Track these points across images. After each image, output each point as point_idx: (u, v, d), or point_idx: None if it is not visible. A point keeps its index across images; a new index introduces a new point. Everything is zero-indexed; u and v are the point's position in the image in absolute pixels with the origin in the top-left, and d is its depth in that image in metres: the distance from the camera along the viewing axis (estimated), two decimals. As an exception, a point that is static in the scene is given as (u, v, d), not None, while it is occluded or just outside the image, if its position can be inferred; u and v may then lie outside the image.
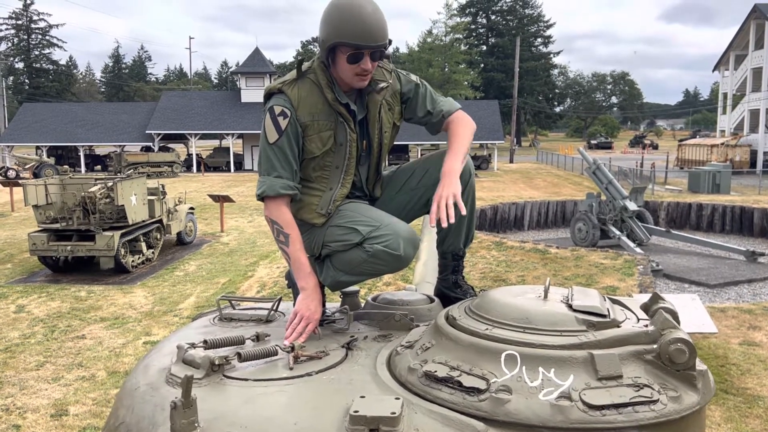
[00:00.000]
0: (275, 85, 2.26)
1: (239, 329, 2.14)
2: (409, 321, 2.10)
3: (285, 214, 2.19)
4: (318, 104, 2.23)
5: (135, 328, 9.30)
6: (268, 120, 2.21)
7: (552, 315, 1.61)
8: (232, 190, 29.31)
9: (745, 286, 12.00)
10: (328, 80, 2.23)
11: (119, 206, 12.44)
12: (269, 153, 2.20)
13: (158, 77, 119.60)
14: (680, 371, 1.49)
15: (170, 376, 1.72)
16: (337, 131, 2.25)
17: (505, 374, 1.48)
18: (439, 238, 2.51)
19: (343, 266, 2.24)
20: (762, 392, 7.44)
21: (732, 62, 44.30)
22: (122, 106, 49.91)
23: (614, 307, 1.75)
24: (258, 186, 2.22)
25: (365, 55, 2.15)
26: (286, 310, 2.36)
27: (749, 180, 29.81)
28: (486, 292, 1.84)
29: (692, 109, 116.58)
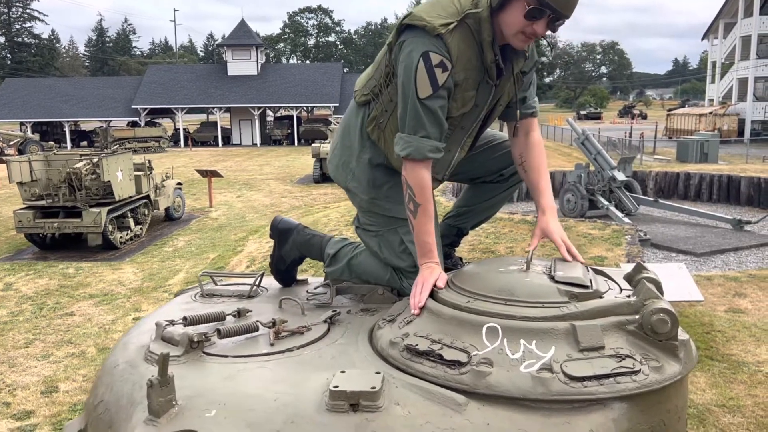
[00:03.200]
0: (433, 24, 1.84)
1: (221, 305, 2.12)
2: (392, 294, 2.08)
3: (423, 180, 1.91)
4: (472, 60, 1.91)
5: (124, 304, 9.28)
6: (422, 68, 1.84)
7: (534, 287, 1.60)
8: (221, 164, 29.12)
9: (731, 254, 12.10)
10: (493, 36, 1.90)
11: (105, 182, 12.33)
12: (418, 109, 1.87)
13: (143, 51, 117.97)
14: (662, 341, 1.48)
15: (149, 353, 1.69)
16: (480, 92, 1.99)
17: (487, 347, 1.47)
18: (456, 211, 2.47)
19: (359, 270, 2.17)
20: (746, 358, 7.54)
21: (721, 30, 44.11)
22: (107, 81, 49.24)
23: (597, 277, 1.74)
24: (402, 144, 1.91)
25: (545, 17, 1.83)
26: (269, 285, 2.34)
27: (737, 149, 29.92)
28: (468, 265, 1.82)
29: (681, 78, 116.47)
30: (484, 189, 2.38)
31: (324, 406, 1.39)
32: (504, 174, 2.32)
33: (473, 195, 2.41)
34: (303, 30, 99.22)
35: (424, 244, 1.92)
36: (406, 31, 1.91)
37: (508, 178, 2.33)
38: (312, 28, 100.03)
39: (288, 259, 2.38)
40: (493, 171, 2.32)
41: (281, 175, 24.75)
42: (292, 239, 2.38)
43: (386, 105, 2.04)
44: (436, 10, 1.88)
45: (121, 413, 1.53)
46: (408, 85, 1.88)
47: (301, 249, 2.38)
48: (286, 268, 2.40)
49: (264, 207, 17.35)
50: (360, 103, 2.16)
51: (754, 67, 38.46)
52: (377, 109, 2.07)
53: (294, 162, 29.75)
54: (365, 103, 2.13)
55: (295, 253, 2.38)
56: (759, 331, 8.25)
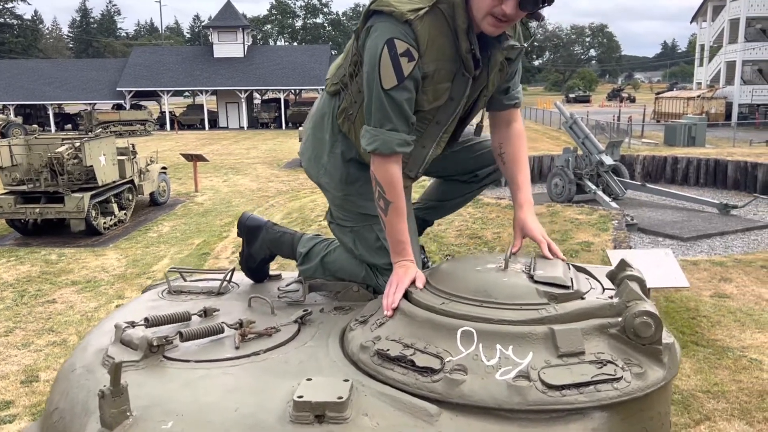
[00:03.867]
0: (401, 10, 1.70)
1: (188, 303, 2.03)
2: (368, 291, 2.00)
3: (393, 176, 1.79)
4: (445, 49, 1.77)
5: (107, 291, 9.16)
6: (386, 56, 1.71)
7: (511, 287, 1.52)
8: (207, 148, 28.83)
9: (717, 239, 12.13)
10: (468, 23, 1.75)
11: (88, 167, 12.14)
12: (383, 101, 1.75)
13: (128, 32, 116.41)
14: (646, 345, 1.41)
15: (106, 357, 1.60)
16: (455, 84, 1.85)
17: (461, 352, 1.39)
18: (424, 204, 2.40)
19: (334, 268, 2.09)
20: (731, 344, 7.56)
21: (710, 13, 44.04)
22: (91, 63, 48.53)
23: (578, 276, 1.66)
24: (368, 138, 1.80)
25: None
26: (240, 281, 2.25)
27: (724, 132, 29.99)
28: (443, 263, 1.73)
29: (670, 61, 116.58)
30: (456, 187, 2.31)
31: (287, 417, 1.31)
32: (479, 175, 2.25)
33: (443, 191, 2.35)
34: (290, 11, 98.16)
35: (397, 243, 1.83)
36: (373, 17, 1.78)
37: (482, 179, 2.27)
38: (299, 10, 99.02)
39: (258, 257, 2.30)
40: (468, 171, 2.25)
41: (268, 159, 24.54)
42: (261, 237, 2.30)
43: (355, 96, 1.93)
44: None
45: (75, 423, 1.45)
46: (372, 74, 1.76)
47: (271, 247, 2.29)
48: (257, 266, 2.31)
49: (250, 192, 17.20)
50: (330, 93, 2.05)
51: (742, 50, 38.47)
52: (347, 100, 1.97)
53: (281, 146, 29.50)
54: (335, 93, 2.03)
55: (265, 252, 2.30)
56: (744, 316, 8.28)
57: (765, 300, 8.87)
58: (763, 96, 37.95)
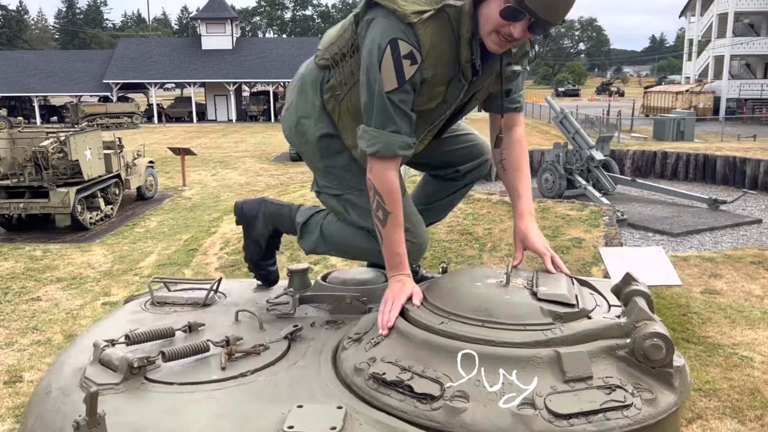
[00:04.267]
0: (405, 11, 1.62)
1: (172, 316, 1.93)
2: (361, 303, 1.91)
3: (393, 184, 1.70)
4: (445, 56, 1.70)
5: (93, 288, 9.03)
6: (388, 57, 1.63)
7: (514, 306, 1.43)
8: (195, 141, 28.59)
9: (707, 234, 12.15)
10: (473, 32, 1.68)
11: (73, 161, 11.95)
12: (386, 102, 1.67)
13: (115, 23, 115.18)
14: (656, 369, 1.33)
15: (84, 379, 1.51)
16: (450, 89, 1.78)
17: (462, 377, 1.31)
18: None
19: (335, 240, 1.99)
20: (722, 340, 7.55)
21: (698, 8, 44.12)
22: (78, 54, 47.93)
23: (583, 292, 1.58)
24: (368, 140, 1.71)
25: (524, 20, 1.60)
26: (227, 291, 2.15)
27: (712, 127, 30.10)
28: (441, 277, 1.65)
29: (658, 55, 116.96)
30: (439, 186, 2.24)
31: None
32: (460, 171, 2.18)
33: (429, 193, 2.27)
34: (279, 3, 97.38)
35: (393, 256, 1.74)
36: (374, 9, 1.70)
37: (464, 175, 2.19)
38: (289, 1, 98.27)
39: (262, 240, 2.17)
40: (451, 164, 2.17)
41: (257, 153, 24.35)
42: (260, 213, 2.17)
43: (346, 77, 1.84)
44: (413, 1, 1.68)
45: (50, 452, 1.35)
46: (372, 72, 1.69)
47: (273, 221, 2.16)
48: (264, 256, 2.20)
49: (239, 186, 17.05)
50: (320, 65, 1.94)
51: (731, 45, 38.60)
52: (336, 78, 1.87)
53: (270, 139, 29.29)
54: (325, 67, 1.92)
55: (267, 229, 2.17)
56: (734, 313, 8.28)
57: (755, 296, 8.88)
58: (750, 91, 38.14)
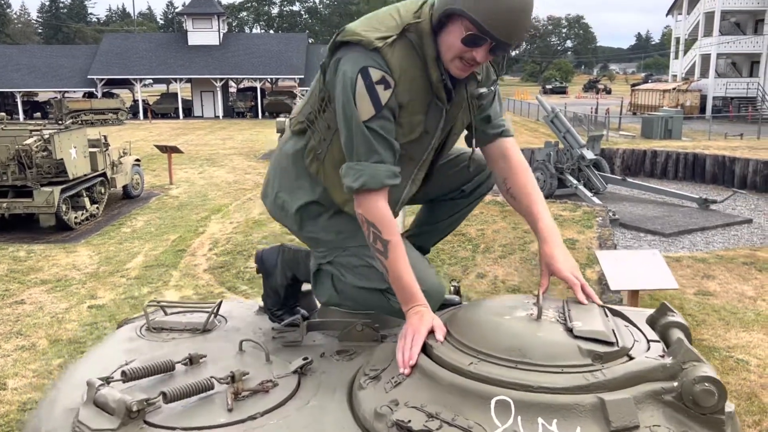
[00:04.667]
0: (368, 39, 1.63)
1: (171, 343, 1.80)
2: (372, 331, 1.79)
3: (384, 212, 1.65)
4: (417, 79, 1.69)
5: (79, 291, 8.83)
6: (361, 86, 1.62)
7: (550, 345, 1.32)
8: (181, 138, 28.28)
9: (698, 234, 12.15)
10: (437, 53, 1.68)
11: (58, 160, 11.71)
12: (365, 132, 1.63)
13: (99, 18, 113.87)
14: (706, 415, 1.22)
15: (78, 424, 1.37)
16: (429, 116, 1.76)
17: (497, 427, 1.19)
18: (416, 230, 2.19)
19: (351, 297, 1.86)
20: (717, 343, 7.52)
21: (685, 6, 44.34)
22: (61, 49, 47.22)
23: (619, 326, 1.47)
24: (353, 175, 1.65)
25: (485, 44, 1.61)
26: (228, 314, 2.02)
27: (699, 125, 30.26)
28: (465, 308, 1.53)
29: (644, 53, 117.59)
30: (446, 206, 2.14)
31: None
32: (465, 190, 2.09)
33: (434, 213, 2.17)
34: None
35: (405, 287, 1.64)
36: (339, 49, 1.70)
37: (470, 193, 2.10)
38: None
39: (281, 290, 2.05)
40: (454, 188, 2.09)
41: (245, 150, 24.12)
42: (279, 261, 2.08)
43: (324, 133, 1.81)
44: (372, 23, 1.69)
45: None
46: (348, 106, 1.65)
47: (291, 268, 2.06)
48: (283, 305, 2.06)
49: (227, 184, 16.85)
50: (296, 132, 1.90)
51: (717, 43, 38.81)
52: (315, 138, 1.84)
53: (258, 136, 29.03)
54: (301, 132, 1.88)
55: (286, 278, 2.06)
56: (728, 315, 8.26)
57: (748, 297, 8.87)
58: (736, 89, 38.39)
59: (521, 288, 8.34)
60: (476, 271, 8.87)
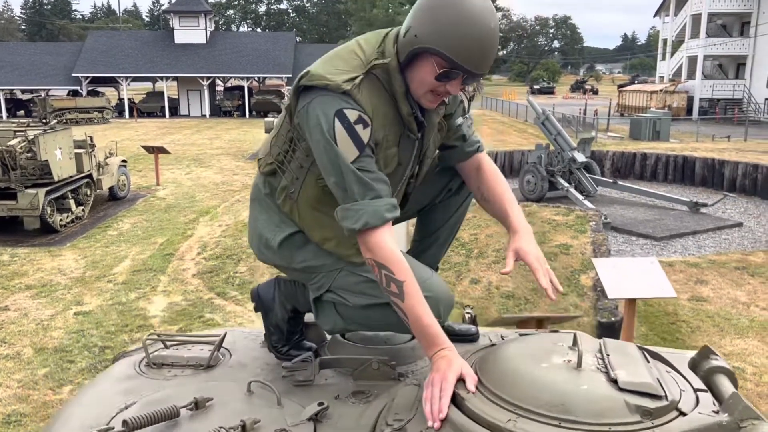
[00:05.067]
0: (336, 83, 1.61)
1: (173, 381, 1.67)
2: (390, 368, 1.67)
3: (392, 250, 1.60)
4: (389, 115, 1.69)
5: (65, 296, 8.65)
6: (341, 131, 1.60)
7: (595, 400, 1.21)
8: (168, 138, 27.98)
9: (689, 238, 12.16)
10: (406, 88, 1.69)
11: (43, 161, 11.49)
12: (356, 173, 1.61)
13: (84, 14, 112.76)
14: (768, 480, 1.12)
15: (74, 485, 1.25)
16: (402, 148, 1.76)
17: (542, 496, 1.08)
18: (418, 246, 2.08)
19: (356, 319, 1.76)
20: (712, 351, 7.50)
21: (672, 8, 44.60)
22: (45, 47, 46.57)
23: (659, 369, 1.37)
24: (353, 218, 1.61)
25: (459, 77, 1.63)
26: (232, 346, 1.90)
27: (687, 126, 30.42)
28: (495, 352, 1.41)
29: (630, 54, 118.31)
30: (438, 210, 2.06)
31: None
32: (451, 188, 2.02)
33: (430, 221, 2.08)
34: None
35: (426, 329, 1.55)
36: (306, 93, 1.67)
37: (457, 190, 2.03)
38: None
39: (283, 325, 1.95)
40: (438, 191, 2.02)
41: (232, 150, 23.89)
42: (276, 295, 1.98)
43: (296, 172, 1.78)
44: (335, 65, 1.67)
45: None
46: (331, 150, 1.62)
47: (290, 300, 1.96)
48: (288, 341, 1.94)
49: (215, 185, 16.66)
50: (266, 173, 1.87)
51: (704, 45, 39.07)
52: (286, 178, 1.81)
53: (245, 135, 28.79)
54: (272, 173, 1.85)
55: (286, 311, 1.95)
56: (722, 321, 8.24)
57: (741, 303, 8.86)
58: (723, 91, 38.67)
59: (515, 294, 8.26)
60: (470, 276, 8.78)
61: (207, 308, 8.05)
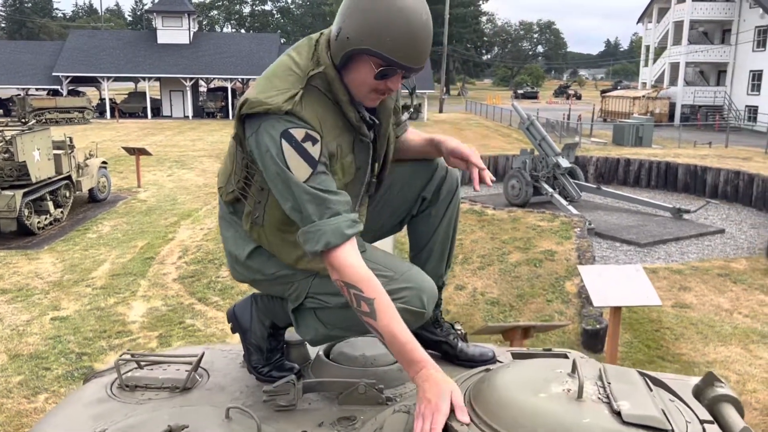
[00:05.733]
0: (276, 105, 1.58)
1: (146, 406, 1.57)
2: (376, 392, 1.58)
3: (359, 267, 1.55)
4: (338, 123, 1.67)
5: (41, 301, 8.46)
6: (289, 151, 1.57)
7: None
8: (149, 139, 27.68)
9: (673, 245, 12.20)
10: (348, 94, 1.66)
11: (20, 162, 11.26)
12: (310, 192, 1.57)
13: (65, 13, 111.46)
14: None
15: None
16: (357, 153, 1.73)
17: None
18: (416, 262, 2.00)
19: (338, 322, 1.70)
20: (696, 358, 7.49)
21: (655, 15, 45.05)
22: (25, 45, 45.93)
23: (663, 398, 1.30)
24: (313, 239, 1.56)
25: (398, 74, 1.62)
26: (210, 366, 1.80)
27: (669, 132, 30.70)
28: (490, 379, 1.33)
29: (613, 60, 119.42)
30: (421, 223, 1.98)
31: None
32: (425, 196, 1.94)
33: (418, 236, 2.00)
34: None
35: (403, 347, 1.47)
36: (250, 121, 1.63)
37: (433, 200, 1.94)
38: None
39: (263, 343, 1.86)
40: (412, 200, 1.94)
41: (215, 152, 23.67)
42: (254, 310, 1.90)
43: (257, 195, 1.75)
44: (273, 85, 1.63)
45: None
46: (283, 173, 1.58)
47: (266, 316, 1.89)
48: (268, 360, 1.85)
49: (197, 188, 16.46)
50: (228, 201, 1.84)
51: (686, 52, 39.49)
52: (249, 203, 1.77)
53: (228, 137, 28.32)
54: (235, 200, 1.82)
55: (265, 328, 1.87)
56: (705, 328, 8.25)
57: (724, 310, 8.89)
58: (704, 98, 39.12)
59: (500, 301, 8.22)
60: (455, 282, 8.72)
61: (188, 314, 7.91)
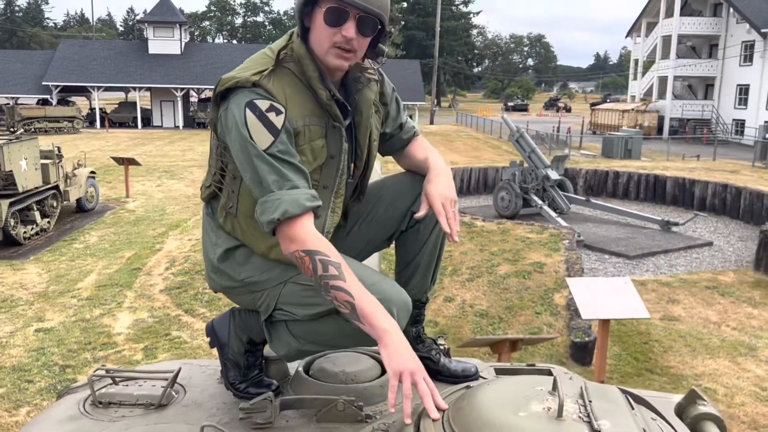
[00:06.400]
0: (244, 77, 1.61)
1: (120, 424, 1.53)
2: (356, 410, 1.55)
3: (320, 237, 1.55)
4: (308, 104, 1.66)
5: (26, 312, 8.36)
6: (252, 118, 1.57)
7: None
8: (140, 149, 27.57)
9: (661, 257, 12.25)
10: (319, 71, 1.66)
11: (7, 172, 11.17)
12: (271, 162, 1.56)
13: (57, 23, 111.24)
14: None
15: None
16: (329, 139, 1.70)
17: None
18: (399, 281, 1.96)
19: (308, 336, 1.67)
20: (685, 371, 7.49)
21: (644, 29, 45.51)
22: (16, 54, 45.77)
23: (645, 418, 1.28)
24: (269, 210, 1.55)
25: (351, 19, 1.61)
26: (186, 382, 1.76)
27: (657, 145, 30.92)
28: (469, 398, 1.31)
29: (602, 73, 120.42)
30: (409, 239, 1.93)
31: None
32: (415, 210, 1.88)
33: (405, 252, 1.96)
34: (230, 8, 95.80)
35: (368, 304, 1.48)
36: (223, 101, 1.68)
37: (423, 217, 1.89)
38: (239, 7, 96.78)
39: (240, 359, 1.83)
40: (402, 214, 1.89)
41: (205, 162, 23.52)
42: (231, 325, 1.87)
43: (231, 185, 1.73)
44: (246, 66, 1.69)
45: None
46: (245, 143, 1.58)
47: (243, 331, 1.85)
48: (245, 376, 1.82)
49: (186, 198, 16.38)
50: (206, 198, 1.85)
51: (674, 66, 39.87)
52: (224, 195, 1.76)
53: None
54: (213, 197, 1.82)
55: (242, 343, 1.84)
56: (693, 341, 8.26)
57: (712, 323, 8.91)
58: (692, 111, 39.47)
59: (489, 313, 8.19)
60: (444, 294, 8.69)
61: (174, 325, 7.83)
